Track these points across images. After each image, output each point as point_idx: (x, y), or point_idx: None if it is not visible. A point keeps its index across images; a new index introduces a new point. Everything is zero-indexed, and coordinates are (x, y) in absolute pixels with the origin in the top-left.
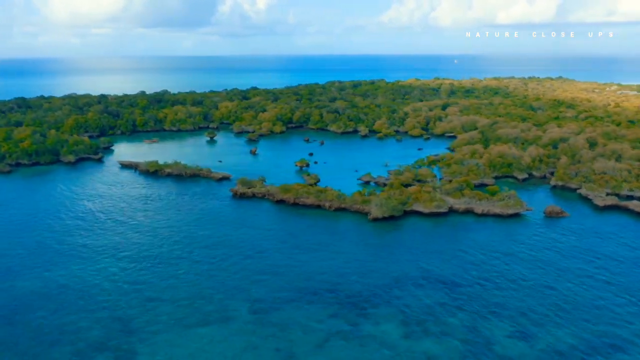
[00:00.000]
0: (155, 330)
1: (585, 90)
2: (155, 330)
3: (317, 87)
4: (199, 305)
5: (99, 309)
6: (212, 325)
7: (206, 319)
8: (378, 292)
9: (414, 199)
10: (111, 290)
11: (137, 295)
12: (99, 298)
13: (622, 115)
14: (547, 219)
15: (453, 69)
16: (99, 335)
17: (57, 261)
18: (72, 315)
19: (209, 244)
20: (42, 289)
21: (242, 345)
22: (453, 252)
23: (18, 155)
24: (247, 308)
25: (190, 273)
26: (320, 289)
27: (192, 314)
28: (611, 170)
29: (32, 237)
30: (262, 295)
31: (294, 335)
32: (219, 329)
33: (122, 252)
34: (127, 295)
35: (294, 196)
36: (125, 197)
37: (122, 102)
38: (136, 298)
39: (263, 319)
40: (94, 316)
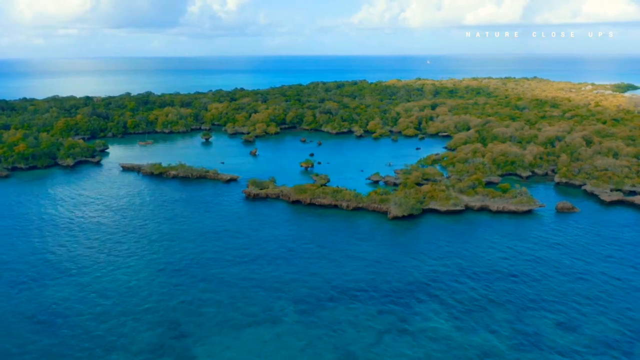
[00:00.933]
0: (207, 332)
1: (562, 89)
2: (207, 333)
3: (304, 88)
4: (242, 306)
5: (142, 313)
6: (262, 325)
7: (254, 320)
8: (416, 289)
9: (429, 198)
10: (148, 294)
11: (178, 298)
12: (137, 302)
13: (606, 114)
14: (558, 214)
15: (427, 70)
16: (151, 340)
17: (86, 266)
18: (114, 320)
19: (235, 245)
20: (76, 295)
21: (299, 345)
22: (480, 247)
23: (14, 159)
24: (292, 308)
25: (225, 275)
26: (358, 287)
27: (238, 315)
28: (613, 167)
29: (55, 241)
30: (303, 295)
31: (348, 334)
32: (270, 329)
33: (153, 256)
34: (167, 299)
35: (310, 196)
36: (138, 200)
37: (109, 104)
38: (177, 301)
39: (311, 319)
40: (139, 321)
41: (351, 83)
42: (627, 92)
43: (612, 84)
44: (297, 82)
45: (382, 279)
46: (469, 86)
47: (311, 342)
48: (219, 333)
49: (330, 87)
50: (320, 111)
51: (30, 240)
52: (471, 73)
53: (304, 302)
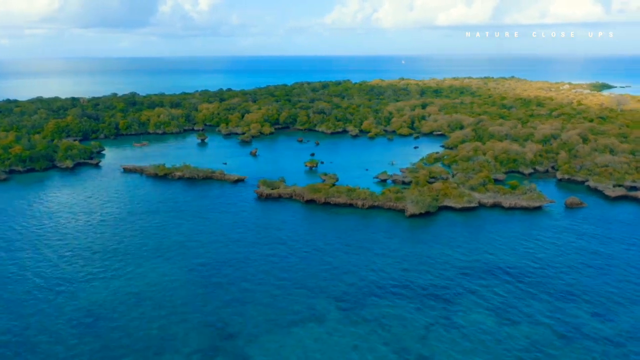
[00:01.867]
0: (255, 332)
1: (542, 89)
2: (256, 333)
3: (292, 87)
4: (284, 305)
5: (184, 315)
6: (308, 324)
7: (300, 319)
8: (450, 284)
9: (443, 195)
10: (186, 295)
11: (217, 298)
12: (177, 303)
13: (591, 112)
14: (568, 209)
15: (402, 70)
16: (201, 341)
17: (116, 268)
18: (157, 322)
19: (259, 245)
20: (112, 298)
21: (351, 342)
22: (503, 242)
23: (11, 162)
24: (334, 306)
25: (257, 274)
26: (393, 283)
27: (282, 314)
28: (612, 163)
29: (78, 245)
30: (341, 293)
31: (395, 330)
32: (318, 328)
33: (179, 257)
34: (206, 299)
35: (325, 196)
36: (150, 202)
37: (97, 105)
38: (217, 302)
39: (355, 316)
40: (183, 322)
41: (335, 83)
42: (602, 90)
43: (588, 83)
44: (274, 82)
45: (414, 274)
46: (452, 86)
47: (362, 339)
48: (268, 332)
49: (317, 87)
50: (313, 111)
51: (52, 244)
52: (447, 73)
53: (343, 300)
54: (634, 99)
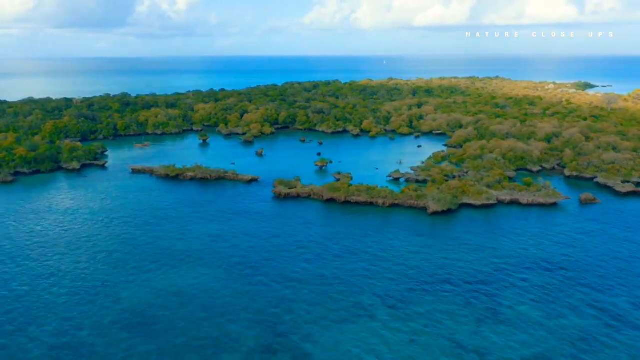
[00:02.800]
0: (309, 329)
1: (527, 88)
2: (310, 330)
3: (287, 87)
4: (330, 303)
5: (233, 314)
6: (359, 320)
7: (349, 315)
8: (489, 279)
9: (461, 193)
10: (231, 294)
11: (263, 297)
12: (223, 303)
13: (584, 111)
14: (582, 205)
15: (384, 70)
16: (257, 339)
17: (151, 269)
18: (208, 322)
19: (290, 243)
20: (156, 298)
21: (405, 337)
22: (531, 238)
23: (17, 164)
24: (381, 302)
25: (297, 272)
26: (433, 279)
27: (330, 311)
28: (619, 160)
29: (111, 247)
30: (384, 289)
31: (446, 324)
32: (370, 323)
33: (214, 256)
34: (253, 298)
35: (345, 194)
36: (168, 203)
37: (92, 106)
38: (264, 300)
39: (404, 312)
40: (234, 321)
41: (324, 83)
42: (586, 90)
43: (572, 83)
44: (257, 82)
45: (451, 270)
46: (441, 86)
47: (417, 334)
48: (321, 329)
49: (308, 87)
50: (312, 111)
51: (81, 245)
52: (429, 73)
53: (388, 297)
54: (620, 98)
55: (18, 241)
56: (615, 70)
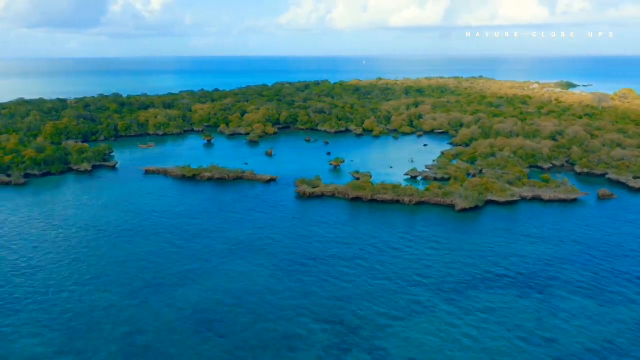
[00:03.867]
0: (376, 325)
1: (513, 88)
2: (377, 326)
3: (279, 88)
4: (390, 298)
5: (297, 311)
6: (423, 314)
7: (413, 310)
8: (536, 272)
9: (485, 190)
10: (286, 291)
11: (320, 294)
12: (279, 300)
13: (577, 110)
14: (600, 200)
15: (364, 70)
16: (329, 336)
17: (196, 269)
18: (274, 320)
19: (329, 241)
20: (210, 297)
21: (472, 329)
22: (561, 231)
23: (27, 166)
24: (438, 298)
25: (345, 269)
26: (482, 274)
27: (393, 306)
28: (627, 157)
29: (149, 248)
30: (436, 286)
31: (509, 317)
32: (434, 317)
33: (256, 256)
34: (310, 296)
35: (371, 193)
36: (194, 204)
37: (88, 107)
38: (322, 298)
39: (464, 305)
40: (300, 318)
41: (314, 83)
42: (569, 89)
43: (556, 82)
44: (237, 82)
45: (499, 263)
46: (431, 85)
47: (482, 326)
48: (389, 323)
49: (300, 87)
50: (313, 111)
51: (121, 245)
52: (409, 73)
53: (444, 291)
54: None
55: (63, 243)
56: (590, 70)
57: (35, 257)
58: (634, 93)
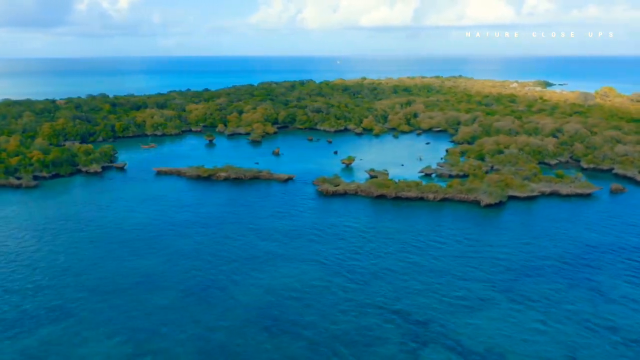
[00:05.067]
0: (443, 318)
1: (495, 86)
2: (443, 318)
3: (271, 87)
4: (445, 293)
5: (361, 307)
6: (484, 307)
7: (473, 303)
8: (579, 263)
9: (505, 186)
10: (347, 288)
11: (379, 290)
12: (337, 297)
13: (565, 108)
14: (613, 194)
15: (339, 70)
16: (403, 330)
17: (256, 269)
18: (343, 316)
19: (368, 239)
20: (276, 297)
21: (536, 321)
22: (590, 224)
23: (35, 168)
24: (493, 290)
25: (395, 266)
26: (526, 265)
27: (453, 300)
28: (631, 152)
29: (207, 251)
30: (487, 278)
31: (565, 305)
32: (497, 309)
33: (311, 255)
34: (370, 291)
35: (395, 190)
36: (219, 204)
37: (79, 107)
38: (380, 293)
39: (521, 297)
40: (368, 315)
41: (299, 83)
42: (547, 88)
43: (533, 81)
44: (210, 82)
45: (539, 255)
46: (416, 85)
47: (544, 316)
48: (455, 316)
49: (287, 86)
50: (310, 110)
51: (167, 247)
52: (386, 72)
53: (496, 283)
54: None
55: (104, 244)
56: (560, 69)
57: (86, 257)
58: (614, 91)
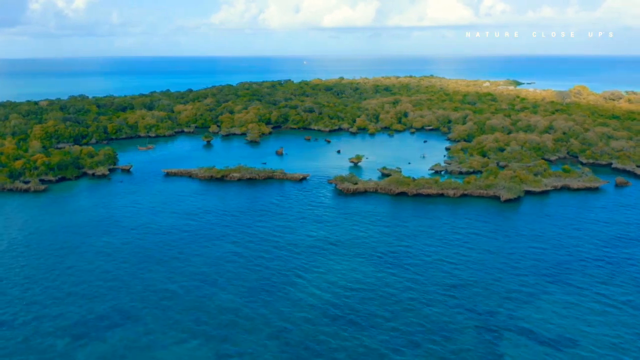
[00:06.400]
0: (508, 307)
1: (469, 85)
2: (508, 308)
3: (258, 88)
4: (502, 286)
5: (422, 301)
6: (543, 297)
7: (533, 291)
8: (616, 252)
9: (519, 181)
10: (401, 285)
11: (433, 284)
12: (402, 294)
13: (546, 106)
14: (618, 187)
15: (306, 70)
16: (473, 323)
17: (313, 265)
18: (410, 311)
19: (407, 236)
20: (340, 295)
21: (593, 308)
22: (614, 214)
23: (41, 171)
24: (544, 280)
25: (438, 259)
26: (569, 258)
27: (510, 292)
28: (626, 147)
29: (253, 246)
30: (537, 269)
31: (611, 293)
32: (553, 299)
33: (356, 250)
34: (426, 286)
35: (415, 187)
36: (245, 204)
37: (64, 108)
38: (439, 287)
39: (570, 286)
40: (433, 309)
41: (278, 83)
42: (518, 86)
43: (503, 80)
44: (173, 84)
45: (574, 247)
46: (394, 84)
47: (601, 302)
48: (519, 307)
49: (268, 86)
50: (302, 110)
51: (211, 249)
52: (351, 73)
53: (545, 275)
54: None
55: (138, 247)
56: (522, 68)
57: (137, 261)
58: (587, 89)
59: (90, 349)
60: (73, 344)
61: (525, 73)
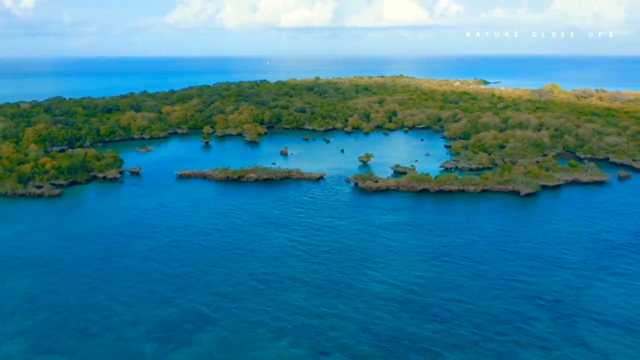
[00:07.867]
0: (571, 293)
1: (442, 85)
2: (572, 294)
3: (241, 89)
4: (553, 273)
5: (485, 293)
6: (594, 284)
7: (582, 281)
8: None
9: (533, 176)
10: (457, 279)
11: (490, 277)
12: (462, 288)
13: (527, 104)
14: (621, 180)
15: (268, 70)
16: (543, 313)
17: (379, 265)
18: (472, 304)
19: (441, 232)
20: (393, 292)
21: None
22: (631, 207)
23: (51, 175)
24: (592, 269)
25: (482, 253)
26: (605, 246)
27: (571, 282)
28: (620, 143)
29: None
30: (578, 258)
31: None
32: (604, 284)
33: (409, 244)
34: (484, 279)
35: (437, 184)
36: (273, 205)
37: (48, 110)
38: (497, 279)
39: (626, 273)
40: (498, 301)
41: (255, 83)
42: (486, 85)
43: (472, 80)
44: (131, 85)
45: (606, 235)
46: (372, 84)
47: None
48: (579, 295)
49: (248, 86)
50: (295, 110)
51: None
52: (317, 72)
53: (585, 261)
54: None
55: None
56: (482, 68)
57: (196, 263)
58: (558, 88)
59: (183, 352)
60: (162, 348)
61: (485, 72)
